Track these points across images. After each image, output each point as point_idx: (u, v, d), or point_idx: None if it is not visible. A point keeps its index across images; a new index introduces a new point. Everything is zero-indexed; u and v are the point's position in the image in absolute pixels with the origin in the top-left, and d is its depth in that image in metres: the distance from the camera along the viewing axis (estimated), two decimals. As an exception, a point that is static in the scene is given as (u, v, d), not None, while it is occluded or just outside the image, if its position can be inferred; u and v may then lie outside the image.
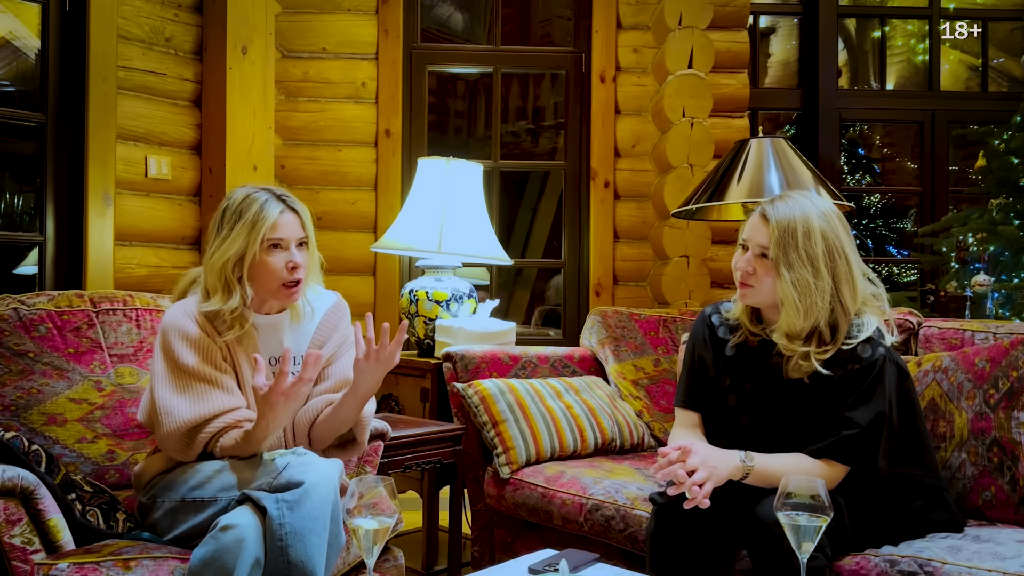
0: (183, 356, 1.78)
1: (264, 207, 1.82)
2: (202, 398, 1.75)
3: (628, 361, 2.94)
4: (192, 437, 1.73)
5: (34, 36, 3.22)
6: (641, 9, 3.84)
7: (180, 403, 1.74)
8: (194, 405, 1.74)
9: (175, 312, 1.84)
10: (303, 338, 1.95)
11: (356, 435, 1.96)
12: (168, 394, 1.75)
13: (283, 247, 1.83)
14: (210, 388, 1.77)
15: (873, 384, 1.77)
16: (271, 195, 1.85)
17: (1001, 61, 5.73)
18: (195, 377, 1.77)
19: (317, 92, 3.75)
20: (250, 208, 1.81)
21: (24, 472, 1.59)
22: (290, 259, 1.83)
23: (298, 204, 1.88)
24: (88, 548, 1.64)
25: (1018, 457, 1.89)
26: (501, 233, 3.55)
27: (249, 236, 1.80)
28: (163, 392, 1.76)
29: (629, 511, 2.17)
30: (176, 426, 1.72)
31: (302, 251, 1.86)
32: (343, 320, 2.02)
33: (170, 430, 1.72)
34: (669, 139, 3.58)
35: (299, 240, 1.86)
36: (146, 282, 3.25)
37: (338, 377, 1.96)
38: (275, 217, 1.82)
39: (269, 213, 1.81)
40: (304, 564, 1.54)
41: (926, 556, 1.66)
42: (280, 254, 1.83)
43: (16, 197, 4.03)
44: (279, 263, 1.82)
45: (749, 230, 1.85)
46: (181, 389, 1.75)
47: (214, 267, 1.81)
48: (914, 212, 7.00)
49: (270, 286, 1.84)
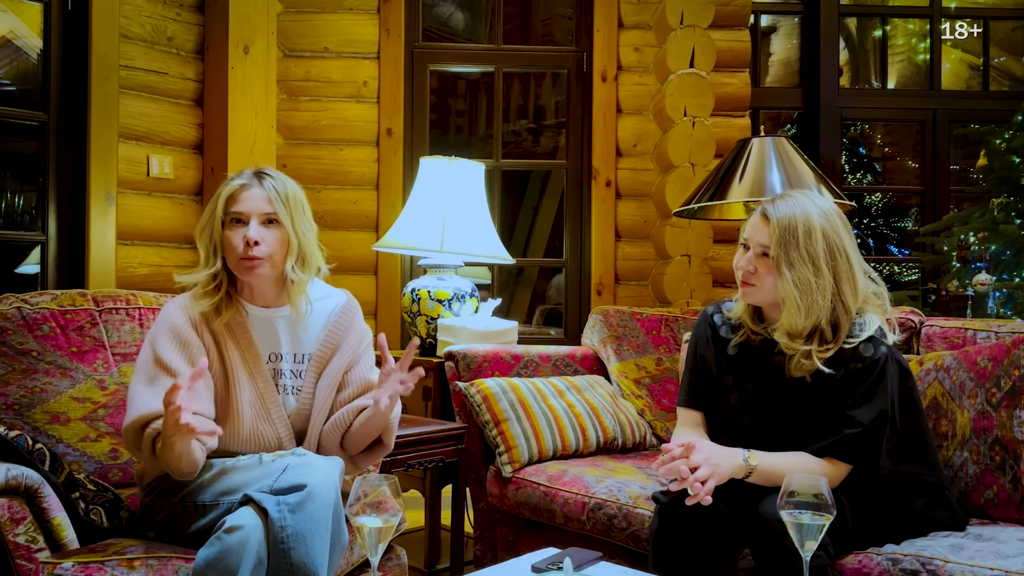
0: (161, 348, 1.76)
1: (231, 180, 1.83)
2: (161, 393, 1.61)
3: (630, 360, 2.94)
4: (140, 434, 1.68)
5: (36, 36, 3.23)
6: (642, 8, 3.84)
7: (142, 394, 1.71)
8: (153, 399, 1.67)
9: (170, 304, 1.85)
10: (308, 337, 1.91)
11: (383, 438, 1.89)
12: (136, 385, 1.73)
13: (243, 221, 1.79)
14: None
15: (875, 383, 1.78)
16: (249, 172, 1.85)
17: (1002, 60, 5.73)
18: (167, 372, 1.73)
19: (319, 91, 3.75)
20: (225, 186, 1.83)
21: (28, 471, 1.59)
22: (246, 233, 1.77)
23: (273, 182, 1.83)
24: (92, 547, 1.64)
25: (1020, 456, 1.89)
26: (503, 232, 3.55)
27: (215, 207, 1.81)
28: (133, 382, 1.75)
29: (632, 510, 2.17)
30: (132, 419, 1.69)
31: (270, 229, 1.80)
32: (356, 320, 1.96)
33: (128, 422, 1.69)
34: (671, 138, 3.58)
35: (265, 216, 1.80)
36: (148, 281, 3.26)
37: (359, 382, 1.91)
38: (233, 189, 1.80)
39: (230, 187, 1.81)
40: (306, 566, 1.54)
41: (928, 555, 1.67)
42: (240, 229, 1.79)
43: (18, 196, 4.03)
44: (238, 237, 1.78)
45: (750, 229, 1.85)
46: (149, 381, 1.73)
47: (198, 239, 1.83)
48: (915, 211, 7.00)
49: (231, 260, 1.81)
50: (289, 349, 1.89)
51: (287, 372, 1.88)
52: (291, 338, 1.89)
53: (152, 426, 1.67)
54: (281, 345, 1.88)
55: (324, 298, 1.95)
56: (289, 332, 1.89)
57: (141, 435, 1.68)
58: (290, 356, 1.89)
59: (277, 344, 1.88)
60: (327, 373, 1.90)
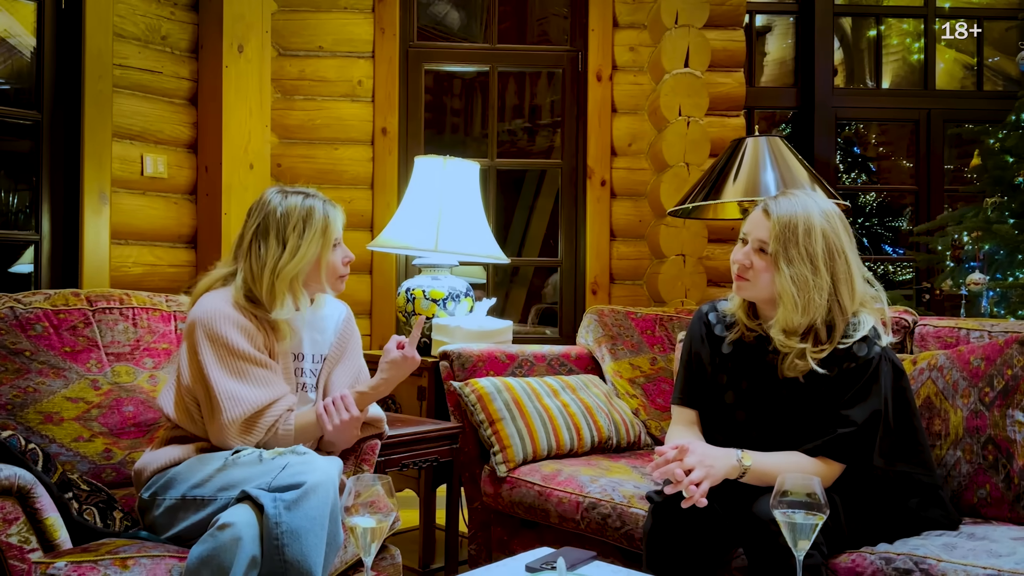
0: (236, 342, 1.82)
1: (327, 212, 1.95)
2: (263, 383, 1.81)
3: (625, 359, 2.94)
4: (255, 423, 1.78)
5: (29, 34, 3.21)
6: (637, 8, 3.84)
7: (243, 389, 1.78)
8: (257, 391, 1.79)
9: (214, 302, 1.86)
10: (323, 338, 2.03)
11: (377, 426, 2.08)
12: (227, 381, 1.78)
13: (339, 244, 2.00)
14: (268, 373, 1.84)
15: (869, 382, 1.78)
16: (319, 199, 1.96)
17: (996, 60, 5.74)
18: (251, 362, 1.82)
19: (313, 90, 3.75)
20: (314, 215, 1.92)
21: (21, 471, 1.59)
22: (346, 255, 2.00)
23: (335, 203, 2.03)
24: (85, 547, 1.64)
25: (1013, 455, 1.90)
26: (498, 232, 3.55)
27: (323, 241, 1.92)
28: (221, 379, 1.78)
29: (626, 509, 2.17)
30: (242, 411, 1.77)
31: None
32: (355, 331, 2.14)
33: (235, 415, 1.76)
34: (665, 138, 3.58)
35: None
36: (142, 281, 3.25)
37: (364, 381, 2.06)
38: (340, 220, 1.99)
39: (336, 218, 1.96)
40: (300, 563, 1.54)
41: (921, 554, 1.67)
42: (338, 250, 1.99)
43: (12, 195, 4.02)
44: (338, 259, 1.99)
45: (750, 224, 1.86)
46: (240, 375, 1.80)
47: (285, 276, 1.88)
48: (909, 210, 7.01)
49: (330, 280, 1.98)
50: (310, 350, 2.00)
51: (307, 371, 1.99)
52: (311, 340, 2.00)
53: (266, 418, 1.80)
54: (303, 345, 1.99)
55: (330, 305, 2.09)
56: (308, 335, 2.00)
57: (251, 427, 1.79)
58: (310, 356, 2.00)
59: (300, 345, 1.98)
60: (340, 371, 2.03)
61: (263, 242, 1.90)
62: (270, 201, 1.92)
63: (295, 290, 1.90)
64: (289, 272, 1.88)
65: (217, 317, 1.83)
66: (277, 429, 1.81)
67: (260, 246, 1.90)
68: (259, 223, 1.91)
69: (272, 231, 1.90)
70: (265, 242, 1.89)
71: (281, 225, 1.90)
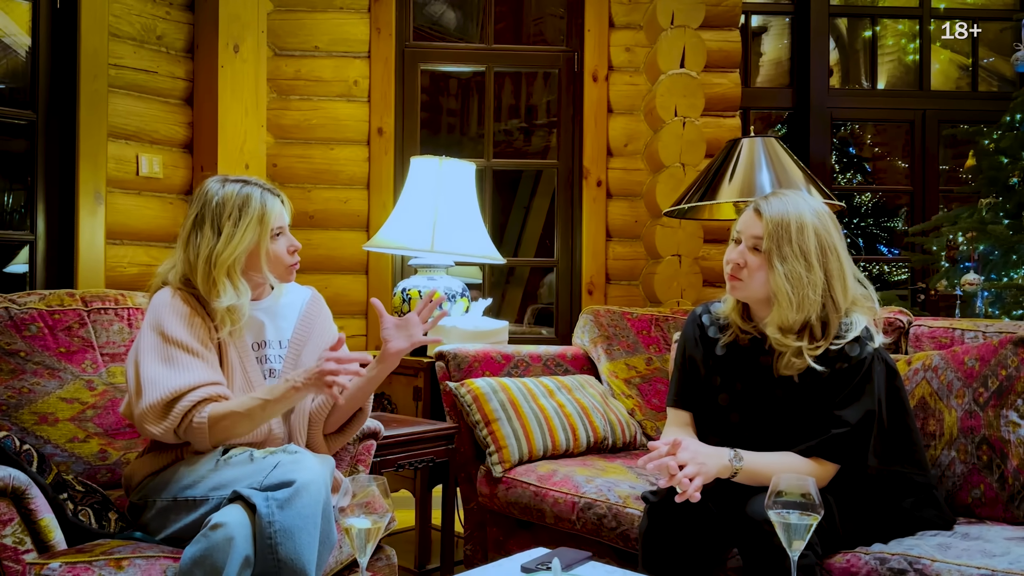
0: (171, 328, 1.79)
1: (265, 200, 1.90)
2: (185, 369, 1.76)
3: (620, 360, 2.94)
4: (170, 407, 1.72)
5: (24, 33, 3.21)
6: (633, 8, 3.85)
7: (164, 373, 1.74)
8: (177, 375, 1.74)
9: (164, 294, 1.87)
10: (286, 324, 2.01)
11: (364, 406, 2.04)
12: (152, 365, 1.75)
13: (283, 233, 1.94)
14: (193, 359, 1.78)
15: (862, 382, 1.78)
16: (258, 187, 1.92)
17: (991, 61, 5.75)
18: (181, 348, 1.78)
19: (309, 90, 3.74)
20: (250, 203, 1.88)
21: (15, 472, 1.58)
22: (291, 243, 1.95)
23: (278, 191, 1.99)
24: (80, 548, 1.64)
25: (1007, 455, 1.90)
26: (494, 232, 3.55)
27: (259, 230, 1.88)
28: (148, 364, 1.76)
29: (621, 509, 2.17)
30: (158, 396, 1.71)
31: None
32: (324, 308, 2.11)
33: (152, 401, 1.71)
34: (661, 138, 3.59)
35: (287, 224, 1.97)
36: (137, 281, 3.24)
37: None
38: (279, 208, 1.93)
39: (273, 206, 1.91)
40: (293, 562, 1.54)
41: (916, 554, 1.68)
42: (282, 240, 1.94)
43: (7, 195, 4.01)
44: (282, 249, 1.93)
45: (742, 223, 1.86)
46: (166, 360, 1.76)
47: (222, 265, 1.84)
48: (905, 211, 7.02)
49: (277, 271, 1.94)
50: (274, 336, 1.98)
51: (273, 357, 1.97)
52: (274, 328, 1.99)
53: (182, 403, 1.72)
54: (266, 332, 1.97)
55: (294, 291, 2.08)
56: (271, 323, 1.99)
57: (167, 413, 1.72)
58: (276, 343, 1.98)
59: (262, 333, 1.96)
60: (310, 350, 2.00)
61: (199, 231, 1.87)
62: (208, 191, 1.90)
63: (233, 279, 1.85)
64: (224, 260, 1.84)
65: (162, 305, 1.83)
66: (192, 420, 1.71)
67: (197, 235, 1.87)
68: (197, 212, 1.89)
69: (208, 220, 1.87)
70: (201, 231, 1.87)
71: (216, 214, 1.87)
